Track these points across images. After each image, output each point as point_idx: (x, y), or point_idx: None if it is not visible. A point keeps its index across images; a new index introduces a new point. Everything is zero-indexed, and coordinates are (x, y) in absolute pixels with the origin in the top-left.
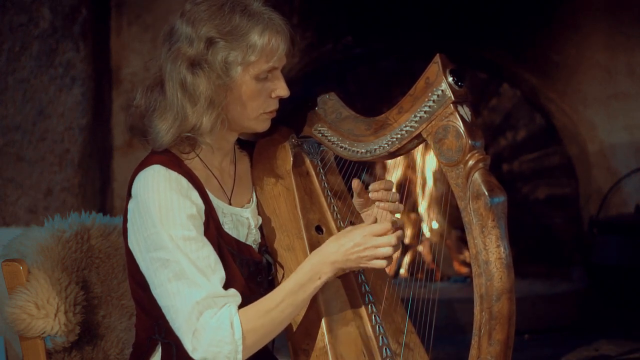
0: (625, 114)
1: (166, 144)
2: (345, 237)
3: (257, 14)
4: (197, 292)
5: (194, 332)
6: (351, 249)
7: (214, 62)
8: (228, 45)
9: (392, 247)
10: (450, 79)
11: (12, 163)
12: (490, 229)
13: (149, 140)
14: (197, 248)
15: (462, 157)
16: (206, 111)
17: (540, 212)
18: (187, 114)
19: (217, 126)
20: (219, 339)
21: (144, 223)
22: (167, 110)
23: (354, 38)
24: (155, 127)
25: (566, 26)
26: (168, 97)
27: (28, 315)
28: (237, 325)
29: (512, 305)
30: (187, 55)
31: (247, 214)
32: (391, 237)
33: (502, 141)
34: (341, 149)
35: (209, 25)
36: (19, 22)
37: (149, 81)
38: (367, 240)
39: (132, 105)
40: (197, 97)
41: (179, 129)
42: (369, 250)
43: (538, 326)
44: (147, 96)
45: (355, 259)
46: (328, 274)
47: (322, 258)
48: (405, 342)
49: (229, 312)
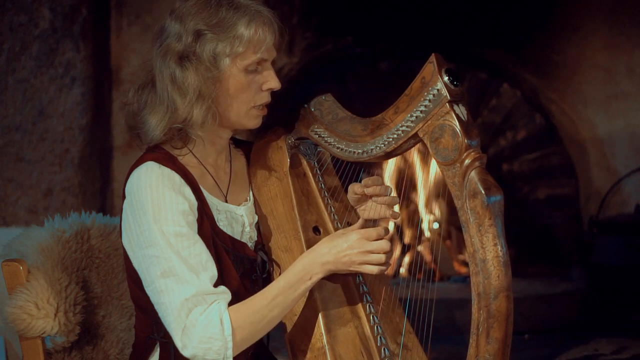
0: (625, 114)
1: (157, 137)
2: (339, 238)
3: (244, 7)
4: (186, 289)
5: (184, 329)
6: (344, 251)
7: (202, 54)
8: (215, 37)
9: (385, 253)
10: (445, 78)
11: (12, 163)
12: (487, 228)
13: (141, 136)
14: (189, 245)
15: (459, 156)
16: (196, 103)
17: (540, 212)
18: (177, 107)
19: (208, 119)
20: (209, 335)
21: (137, 219)
22: (157, 105)
23: (354, 38)
24: (146, 122)
25: (566, 26)
26: (158, 92)
27: (28, 315)
28: (227, 322)
29: (509, 303)
30: (176, 50)
31: (242, 212)
32: (385, 244)
33: (502, 141)
34: (338, 149)
35: (196, 19)
36: (19, 22)
37: (141, 80)
38: (361, 244)
39: (126, 104)
40: (186, 90)
41: (169, 122)
42: (362, 255)
43: (538, 326)
44: (139, 94)
45: (347, 261)
46: (319, 275)
47: (313, 258)
48: (404, 342)
49: (218, 308)
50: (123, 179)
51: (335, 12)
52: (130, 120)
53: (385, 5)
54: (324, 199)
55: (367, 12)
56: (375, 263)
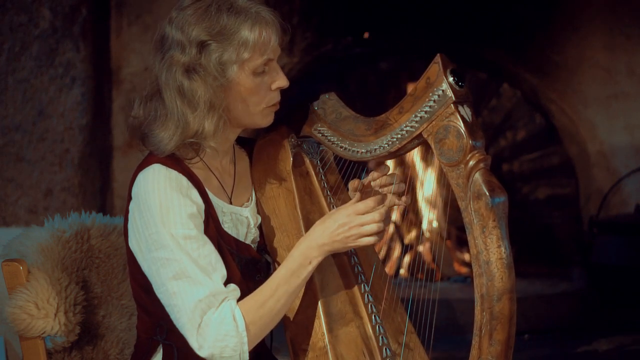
0: (625, 114)
1: (170, 151)
2: (330, 218)
3: (244, 10)
4: (199, 290)
5: (198, 330)
6: (336, 229)
7: (209, 64)
8: (220, 46)
9: (377, 222)
10: (450, 79)
11: (12, 163)
12: (491, 229)
13: (147, 146)
14: (198, 246)
15: (463, 157)
16: (207, 115)
17: (540, 212)
18: (188, 121)
19: (219, 128)
20: (224, 333)
21: (145, 223)
22: (168, 119)
23: (354, 38)
24: (157, 136)
25: (566, 26)
26: (167, 106)
27: (28, 315)
28: (240, 318)
29: (513, 305)
30: (181, 62)
31: (247, 213)
32: (375, 214)
33: (502, 141)
34: (341, 149)
35: (198, 28)
36: (19, 22)
37: (146, 90)
38: (351, 219)
39: (131, 116)
40: (196, 103)
41: (181, 136)
42: (354, 229)
43: (538, 326)
44: (146, 106)
45: (342, 239)
46: (318, 258)
47: (309, 242)
48: (405, 342)
49: (229, 306)
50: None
51: (335, 12)
52: (135, 132)
53: (385, 5)
54: (326, 198)
55: (367, 12)
56: (370, 234)
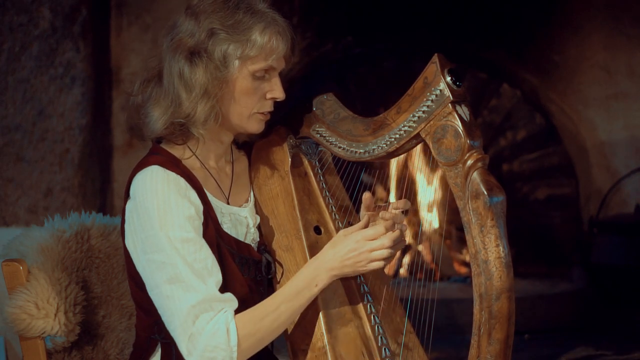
0: (625, 114)
1: (159, 129)
2: (341, 243)
3: (261, 13)
4: (193, 295)
5: (190, 336)
6: (346, 255)
7: (213, 52)
8: (229, 38)
9: (387, 249)
10: (448, 79)
11: (12, 163)
12: (489, 228)
13: (143, 129)
14: (195, 250)
15: (461, 157)
16: (200, 100)
17: (540, 212)
18: (181, 101)
19: (211, 118)
20: (215, 344)
21: (142, 224)
22: (162, 98)
23: (354, 38)
24: (149, 114)
25: (566, 26)
26: (164, 86)
27: (28, 315)
28: (233, 332)
29: (511, 304)
30: (188, 45)
31: (246, 213)
32: (384, 240)
33: (502, 141)
34: (339, 149)
35: (212, 17)
36: (19, 22)
37: (147, 74)
38: (361, 245)
39: (130, 95)
40: (192, 86)
41: (172, 115)
42: (364, 255)
43: (538, 326)
44: (144, 87)
45: (352, 264)
46: (324, 281)
47: (319, 265)
48: (405, 342)
49: (225, 318)
50: (123, 179)
51: (335, 12)
52: (132, 113)
53: (385, 5)
54: (325, 199)
55: (367, 12)
56: (379, 259)
